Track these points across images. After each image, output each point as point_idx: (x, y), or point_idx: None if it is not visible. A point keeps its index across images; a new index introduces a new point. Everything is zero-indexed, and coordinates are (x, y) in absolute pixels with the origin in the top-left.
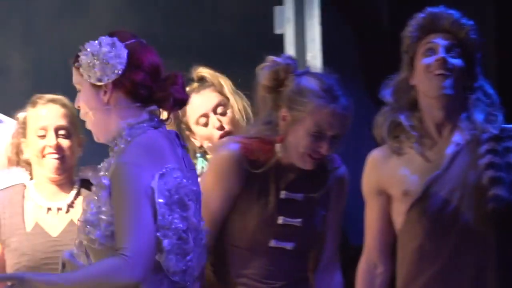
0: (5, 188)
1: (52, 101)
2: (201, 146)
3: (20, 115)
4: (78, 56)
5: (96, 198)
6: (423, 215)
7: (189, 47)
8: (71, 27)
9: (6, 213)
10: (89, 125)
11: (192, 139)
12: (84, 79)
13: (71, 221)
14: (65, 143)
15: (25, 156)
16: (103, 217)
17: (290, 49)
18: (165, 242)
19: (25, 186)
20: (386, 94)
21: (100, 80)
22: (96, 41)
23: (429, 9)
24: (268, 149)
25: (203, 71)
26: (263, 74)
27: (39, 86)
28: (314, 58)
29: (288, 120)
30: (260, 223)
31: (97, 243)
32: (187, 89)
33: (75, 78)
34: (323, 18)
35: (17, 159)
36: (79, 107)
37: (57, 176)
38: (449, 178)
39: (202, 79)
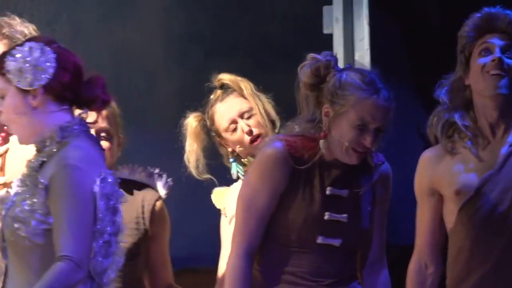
0: None
1: None
2: (233, 151)
3: None
4: (2, 62)
5: (28, 195)
6: (475, 215)
7: (237, 47)
8: (119, 27)
9: None
10: (13, 130)
11: (224, 145)
12: (12, 85)
13: None
14: (105, 145)
15: None
16: (36, 215)
17: (338, 49)
18: (94, 244)
19: None
20: (441, 93)
21: (31, 85)
22: (24, 47)
23: (486, 9)
24: (312, 146)
25: (224, 78)
26: (304, 72)
27: None
28: (363, 58)
29: (331, 115)
30: (307, 220)
31: (27, 240)
32: (212, 97)
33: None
34: (372, 18)
35: None
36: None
37: None
38: (502, 178)
39: (223, 86)
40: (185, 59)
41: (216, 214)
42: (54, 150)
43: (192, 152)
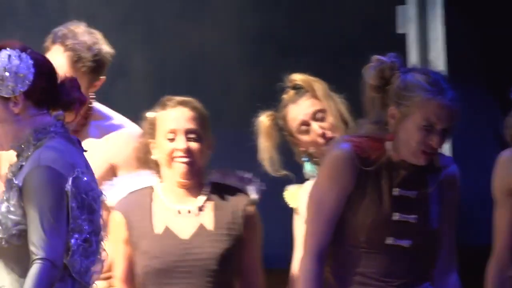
0: (134, 191)
1: (182, 103)
2: (306, 151)
3: (149, 114)
4: None
5: (5, 198)
6: None
7: (310, 47)
8: (193, 28)
9: (136, 216)
10: None
11: (297, 144)
12: None
13: (201, 224)
14: (194, 146)
15: (153, 156)
16: (11, 217)
17: (412, 49)
18: (72, 243)
19: (153, 189)
20: None
21: (13, 92)
22: (2, 55)
23: None
24: (379, 147)
25: (296, 78)
26: (369, 74)
27: (160, 87)
28: (437, 58)
29: (397, 117)
30: (375, 221)
31: (4, 241)
32: (285, 97)
33: None
34: (447, 18)
35: (146, 159)
36: None
37: (186, 180)
38: None
39: (296, 86)
40: (260, 59)
41: (290, 213)
42: (30, 153)
43: (265, 150)
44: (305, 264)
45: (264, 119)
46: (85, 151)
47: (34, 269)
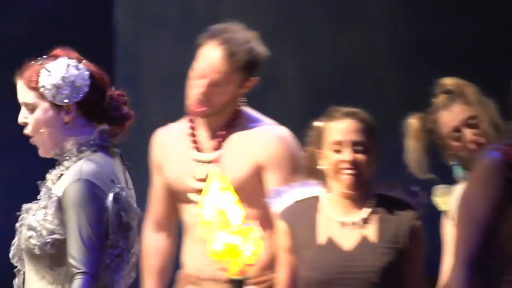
0: (300, 200)
1: (349, 115)
2: (455, 154)
3: (316, 123)
4: (36, 77)
5: (42, 206)
6: None
7: (463, 54)
8: (344, 34)
9: (300, 225)
10: (37, 141)
11: (447, 148)
12: (45, 99)
13: (365, 237)
14: (361, 158)
15: (319, 166)
16: (47, 225)
17: None
18: (105, 257)
19: (318, 199)
20: None
21: (67, 101)
22: (59, 63)
23: None
24: None
25: (448, 83)
26: None
27: (312, 94)
28: None
29: None
30: None
31: (37, 248)
32: (436, 101)
33: (29, 97)
34: None
35: (312, 169)
36: (25, 123)
37: (351, 192)
38: None
39: (448, 91)
40: (411, 66)
41: (435, 216)
42: (72, 163)
43: (412, 152)
44: (457, 272)
45: (413, 121)
46: (127, 165)
47: (77, 284)
